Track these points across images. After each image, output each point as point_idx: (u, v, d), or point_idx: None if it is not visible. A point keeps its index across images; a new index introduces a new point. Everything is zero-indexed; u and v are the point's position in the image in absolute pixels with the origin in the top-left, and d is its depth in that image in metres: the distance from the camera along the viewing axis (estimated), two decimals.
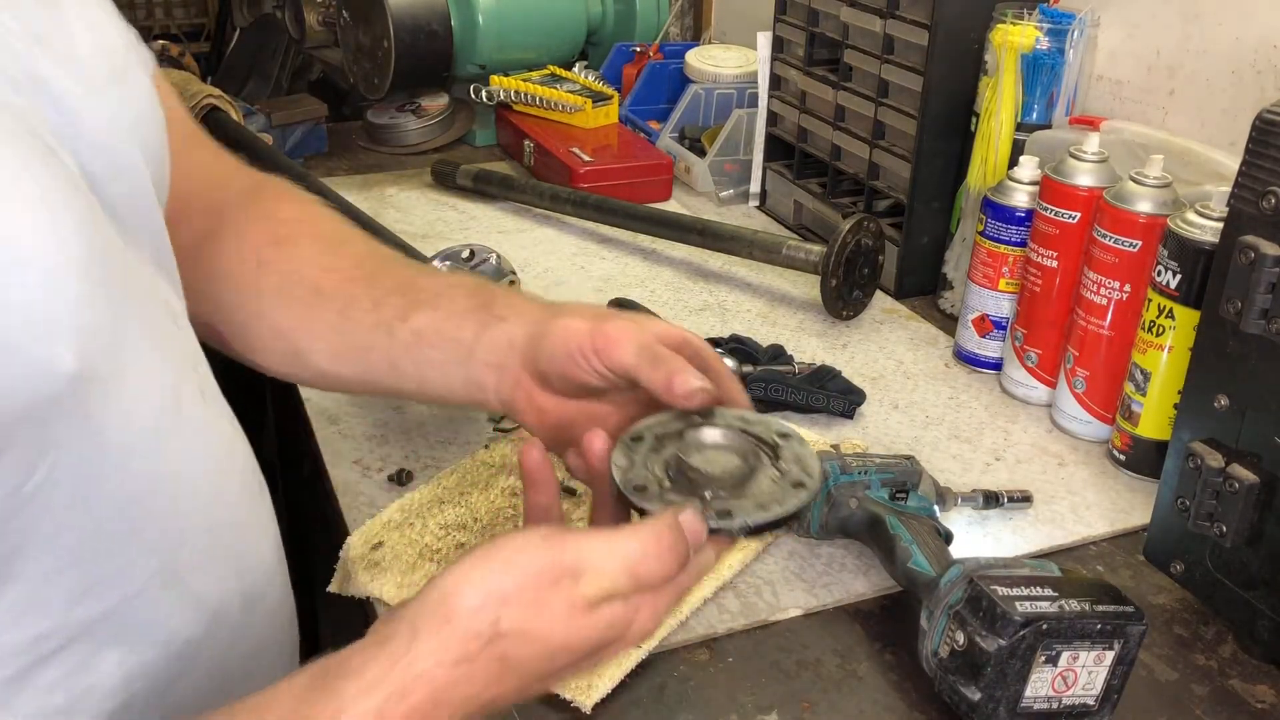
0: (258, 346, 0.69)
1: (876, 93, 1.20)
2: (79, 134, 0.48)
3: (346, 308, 0.66)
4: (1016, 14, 1.06)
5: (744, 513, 0.52)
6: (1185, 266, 0.81)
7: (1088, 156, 0.92)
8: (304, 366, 0.69)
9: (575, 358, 0.59)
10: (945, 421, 0.98)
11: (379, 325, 0.65)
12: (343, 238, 0.72)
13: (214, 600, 0.55)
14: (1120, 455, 0.91)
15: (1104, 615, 0.62)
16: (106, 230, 0.47)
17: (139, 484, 0.49)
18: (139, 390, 0.49)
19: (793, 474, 0.55)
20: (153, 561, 0.51)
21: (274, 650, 0.62)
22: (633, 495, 0.53)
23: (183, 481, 0.52)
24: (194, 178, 0.71)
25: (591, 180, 1.39)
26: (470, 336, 0.63)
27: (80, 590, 0.48)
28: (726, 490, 0.54)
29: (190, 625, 0.53)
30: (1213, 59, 1.02)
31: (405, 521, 0.79)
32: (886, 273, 1.19)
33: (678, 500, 0.53)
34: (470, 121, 1.64)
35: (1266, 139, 0.65)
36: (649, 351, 0.58)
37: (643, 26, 1.70)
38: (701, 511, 0.51)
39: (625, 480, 0.54)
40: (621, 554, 0.48)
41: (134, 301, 0.50)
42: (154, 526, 0.51)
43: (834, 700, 0.67)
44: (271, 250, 0.69)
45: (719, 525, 0.52)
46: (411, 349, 0.64)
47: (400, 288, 0.66)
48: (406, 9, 1.50)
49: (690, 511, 0.51)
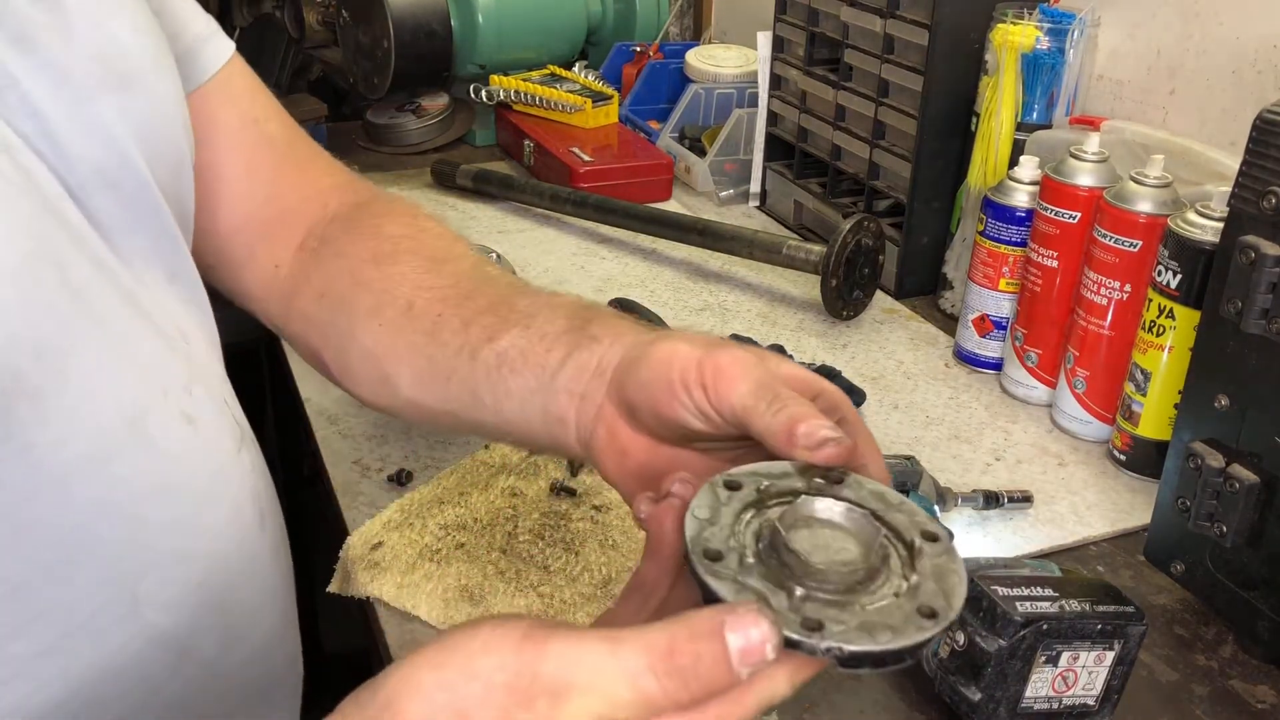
0: (351, 373, 0.63)
1: (877, 92, 1.20)
2: (54, 141, 0.46)
3: (435, 329, 0.59)
4: (1017, 14, 1.06)
5: (841, 631, 0.36)
6: (1186, 266, 0.81)
7: (1088, 156, 0.92)
8: (393, 394, 0.61)
9: (676, 390, 0.47)
10: (945, 421, 0.98)
11: (464, 348, 0.57)
12: (447, 255, 0.64)
13: (182, 637, 0.51)
14: (1120, 455, 0.91)
15: (1104, 615, 0.62)
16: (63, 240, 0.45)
17: (83, 512, 0.46)
18: (85, 410, 0.45)
19: (926, 594, 0.38)
20: (105, 592, 0.47)
21: (257, 694, 0.58)
22: (699, 563, 0.38)
23: (143, 510, 0.48)
24: (285, 194, 0.67)
25: (591, 180, 1.39)
26: (556, 361, 0.53)
27: (16, 624, 0.44)
28: (829, 591, 0.37)
29: (150, 663, 0.49)
30: (1213, 59, 1.02)
31: (405, 522, 0.79)
32: (887, 273, 1.19)
33: (755, 587, 0.37)
34: (470, 121, 1.64)
35: (1267, 139, 0.65)
36: (768, 391, 0.45)
37: (643, 26, 1.70)
38: (780, 614, 0.36)
39: (697, 540, 0.39)
40: (626, 672, 0.34)
41: (98, 316, 0.46)
42: (104, 556, 0.47)
43: (834, 700, 0.67)
44: (371, 269, 0.63)
45: (800, 638, 0.35)
46: (493, 375, 0.56)
47: (494, 306, 0.58)
48: (406, 9, 1.50)
49: (759, 612, 0.34)
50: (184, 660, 0.51)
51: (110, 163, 0.49)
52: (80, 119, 0.47)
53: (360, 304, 0.62)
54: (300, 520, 1.09)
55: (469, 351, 0.57)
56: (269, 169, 0.68)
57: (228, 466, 0.54)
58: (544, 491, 0.83)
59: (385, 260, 0.63)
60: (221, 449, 0.54)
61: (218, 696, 0.54)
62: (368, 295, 0.62)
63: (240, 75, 0.66)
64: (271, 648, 0.59)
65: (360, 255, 0.64)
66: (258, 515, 0.57)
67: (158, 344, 0.51)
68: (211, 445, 0.53)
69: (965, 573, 0.40)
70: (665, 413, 0.48)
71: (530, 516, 0.80)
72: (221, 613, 0.53)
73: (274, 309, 0.68)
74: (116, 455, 0.47)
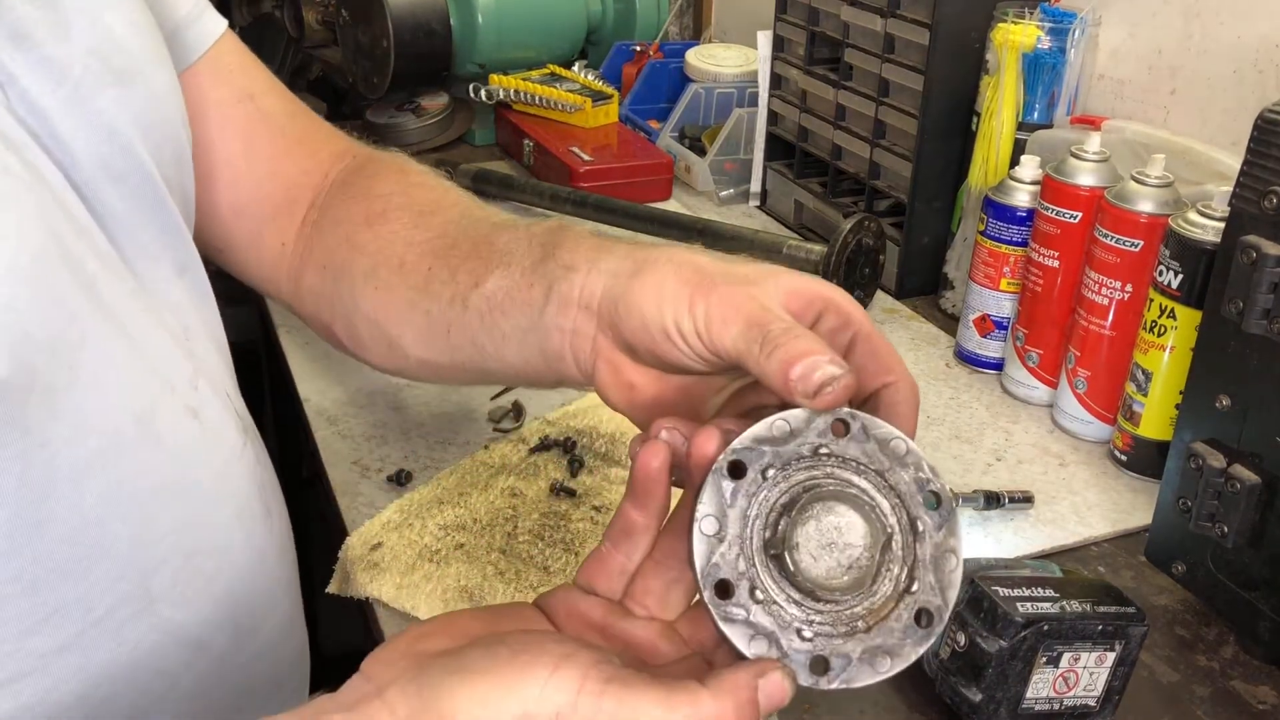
0: (361, 341, 0.62)
1: (877, 92, 1.19)
2: (57, 137, 0.46)
3: (427, 283, 0.57)
4: (1018, 13, 1.05)
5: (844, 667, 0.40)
6: (1187, 266, 0.81)
7: (1089, 156, 0.92)
8: (404, 357, 0.60)
9: (672, 336, 0.45)
10: (946, 422, 0.98)
11: (455, 298, 0.55)
12: (435, 205, 0.62)
13: (195, 631, 0.51)
14: (1122, 455, 0.91)
15: (1105, 616, 0.62)
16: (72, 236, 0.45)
17: (96, 508, 0.46)
18: (95, 407, 0.45)
19: (923, 591, 0.40)
20: (120, 588, 0.47)
21: (269, 685, 0.58)
22: (712, 606, 0.40)
23: (153, 506, 0.48)
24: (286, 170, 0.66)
25: (591, 180, 1.39)
26: (540, 297, 0.51)
27: (34, 620, 0.44)
28: (832, 607, 0.40)
29: (165, 657, 0.50)
30: (1214, 58, 1.02)
31: (404, 522, 0.79)
32: (887, 273, 1.19)
33: (767, 629, 0.40)
34: (469, 121, 1.64)
35: (1268, 138, 0.65)
36: (758, 330, 0.42)
37: (643, 25, 1.70)
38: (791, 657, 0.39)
39: (708, 571, 0.40)
40: None
41: (106, 312, 0.46)
42: (117, 552, 0.47)
43: (834, 701, 0.67)
44: (364, 231, 0.61)
45: (810, 685, 0.39)
46: (486, 320, 0.54)
47: (476, 249, 0.56)
48: (406, 8, 1.50)
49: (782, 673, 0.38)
50: (198, 654, 0.51)
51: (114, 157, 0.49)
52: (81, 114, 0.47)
53: (358, 268, 0.61)
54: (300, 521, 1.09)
55: (460, 300, 0.55)
56: (267, 145, 0.66)
57: (233, 460, 0.54)
58: (544, 492, 0.83)
59: (376, 220, 0.62)
60: (226, 442, 0.54)
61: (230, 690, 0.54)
62: (363, 258, 0.61)
63: (231, 52, 0.65)
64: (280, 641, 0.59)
65: (354, 219, 0.62)
66: (264, 508, 0.57)
67: (164, 338, 0.51)
68: (217, 439, 0.53)
69: (962, 550, 0.41)
70: (665, 357, 0.46)
71: (530, 517, 0.80)
72: (232, 606, 0.53)
73: (285, 288, 0.67)
74: (127, 451, 0.47)
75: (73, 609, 0.46)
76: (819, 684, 0.39)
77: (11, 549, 0.43)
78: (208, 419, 0.53)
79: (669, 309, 0.45)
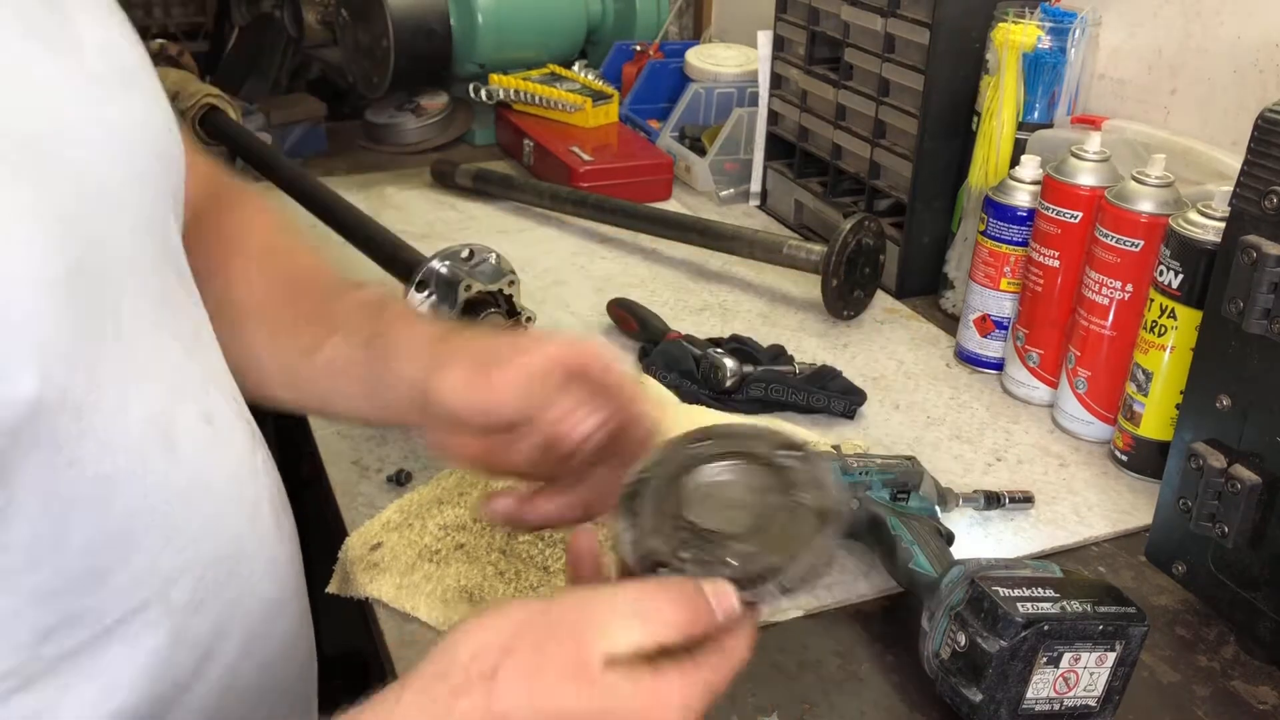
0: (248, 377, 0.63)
1: (877, 92, 1.19)
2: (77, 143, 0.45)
3: (274, 332, 0.62)
4: (1018, 13, 1.05)
5: (775, 571, 0.45)
6: (1187, 266, 0.81)
7: (1089, 156, 0.92)
8: (278, 396, 0.63)
9: (466, 417, 0.55)
10: (946, 422, 0.98)
11: (303, 352, 0.61)
12: (271, 247, 0.67)
13: (206, 640, 0.51)
14: (1122, 456, 0.91)
15: (1106, 616, 0.62)
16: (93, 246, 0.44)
17: (121, 521, 0.46)
18: (122, 418, 0.45)
19: (810, 500, 0.48)
20: (137, 596, 0.47)
21: (275, 694, 0.58)
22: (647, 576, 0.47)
23: (174, 515, 0.48)
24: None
25: (591, 179, 1.39)
26: (375, 375, 0.58)
27: (49, 627, 0.44)
28: (747, 544, 0.47)
29: (177, 666, 0.50)
30: (1215, 58, 1.01)
31: (404, 522, 0.79)
32: (888, 272, 1.19)
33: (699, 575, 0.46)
34: (469, 120, 1.64)
35: (1268, 138, 0.65)
36: (536, 399, 0.54)
37: (643, 25, 1.70)
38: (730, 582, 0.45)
39: (640, 554, 0.47)
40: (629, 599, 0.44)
41: (124, 321, 0.46)
42: (139, 563, 0.47)
43: (835, 701, 0.67)
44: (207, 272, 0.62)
45: (753, 596, 0.45)
46: (333, 379, 0.60)
47: (317, 311, 0.62)
48: (406, 7, 1.50)
49: (719, 583, 0.45)
50: (208, 662, 0.52)
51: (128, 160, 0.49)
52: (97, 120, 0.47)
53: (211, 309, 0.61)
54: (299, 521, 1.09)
55: (306, 356, 0.61)
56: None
57: (245, 465, 0.55)
58: None
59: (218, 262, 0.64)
60: (237, 446, 0.54)
61: (239, 698, 0.54)
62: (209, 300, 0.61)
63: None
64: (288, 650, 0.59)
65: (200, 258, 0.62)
66: (274, 514, 0.57)
67: (178, 346, 0.51)
68: (230, 444, 0.54)
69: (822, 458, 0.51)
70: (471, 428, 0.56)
71: None
72: (243, 614, 0.54)
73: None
74: (150, 462, 0.47)
75: (87, 617, 0.46)
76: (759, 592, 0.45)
77: (30, 564, 0.42)
78: (220, 423, 0.53)
79: (457, 398, 0.55)
